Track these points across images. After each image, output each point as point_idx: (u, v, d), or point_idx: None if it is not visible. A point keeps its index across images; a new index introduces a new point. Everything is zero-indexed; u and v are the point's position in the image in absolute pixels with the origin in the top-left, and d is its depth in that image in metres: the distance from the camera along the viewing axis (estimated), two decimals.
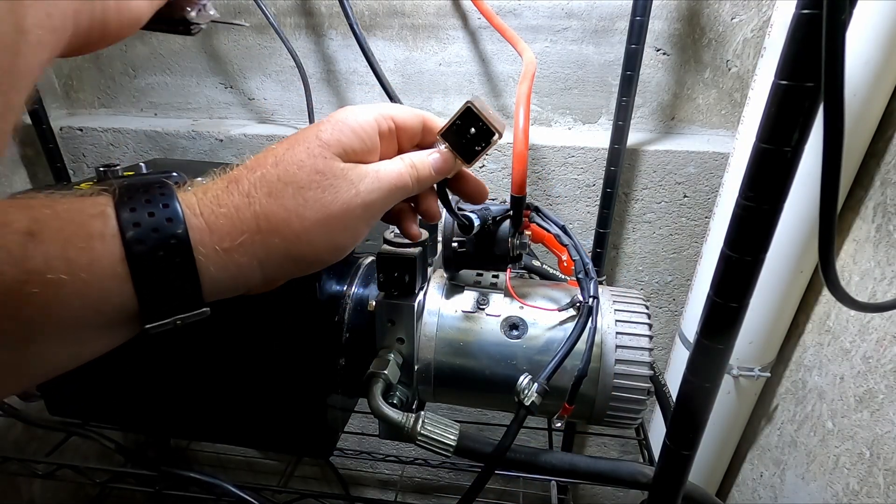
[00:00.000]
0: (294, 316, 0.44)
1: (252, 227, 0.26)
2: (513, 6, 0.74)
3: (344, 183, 0.29)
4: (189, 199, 0.26)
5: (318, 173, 0.28)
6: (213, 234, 0.26)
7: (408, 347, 0.44)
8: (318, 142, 0.29)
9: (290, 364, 0.46)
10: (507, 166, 0.78)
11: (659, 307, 0.87)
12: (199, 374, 0.49)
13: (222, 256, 0.26)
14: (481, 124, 0.32)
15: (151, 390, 0.51)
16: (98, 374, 0.50)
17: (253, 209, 0.27)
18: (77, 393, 0.52)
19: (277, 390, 0.48)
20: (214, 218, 0.26)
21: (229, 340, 0.46)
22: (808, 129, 0.24)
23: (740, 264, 0.28)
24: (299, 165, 0.28)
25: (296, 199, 0.28)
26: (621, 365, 0.44)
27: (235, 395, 0.49)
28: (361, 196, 0.29)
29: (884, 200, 0.54)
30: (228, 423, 0.52)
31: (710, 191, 0.76)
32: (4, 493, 0.88)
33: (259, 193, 0.27)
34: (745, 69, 0.73)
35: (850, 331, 0.58)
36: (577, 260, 0.45)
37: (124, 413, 0.54)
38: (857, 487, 0.55)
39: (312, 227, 0.28)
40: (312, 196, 0.28)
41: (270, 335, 0.45)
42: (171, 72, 0.86)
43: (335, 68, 0.82)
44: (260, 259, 0.27)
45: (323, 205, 0.28)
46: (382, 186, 0.30)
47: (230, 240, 0.26)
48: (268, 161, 0.28)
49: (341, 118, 0.30)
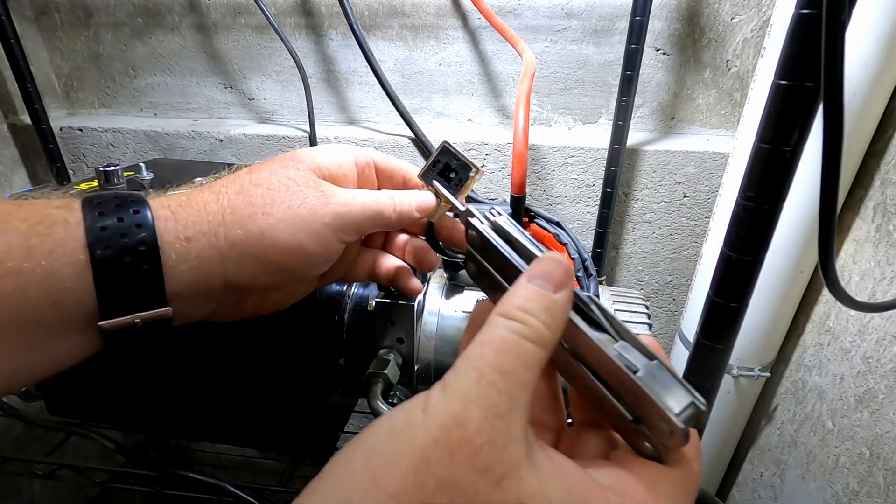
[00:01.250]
0: (294, 316, 0.44)
1: (217, 218, 0.27)
2: (513, 6, 0.74)
3: (314, 192, 0.29)
4: (159, 198, 0.27)
5: (291, 180, 0.29)
6: (177, 223, 0.26)
7: (408, 347, 0.44)
8: (293, 157, 0.30)
9: (290, 364, 0.46)
10: (507, 166, 0.78)
11: (659, 307, 0.87)
12: (198, 374, 0.49)
13: (185, 246, 0.26)
14: (459, 161, 0.33)
15: (151, 390, 0.51)
16: (98, 374, 0.50)
17: (220, 203, 0.27)
18: (77, 393, 0.52)
19: (277, 390, 0.48)
20: (181, 209, 0.26)
21: (228, 340, 0.46)
22: (808, 128, 0.24)
23: (740, 264, 0.28)
24: (272, 171, 0.29)
25: (264, 198, 0.28)
26: None
27: (235, 395, 0.49)
28: (332, 206, 0.29)
29: (884, 200, 0.54)
30: (228, 423, 0.52)
31: (710, 191, 0.76)
32: (4, 493, 0.88)
33: (229, 191, 0.28)
34: (744, 69, 0.73)
35: (850, 331, 0.58)
36: (576, 258, 0.45)
37: (124, 413, 0.54)
38: (857, 487, 0.55)
39: (277, 225, 0.27)
40: (280, 197, 0.28)
41: (270, 335, 0.45)
42: (171, 72, 0.86)
43: (335, 68, 0.82)
44: (222, 253, 0.27)
45: (290, 206, 0.28)
46: (356, 204, 0.30)
47: (194, 228, 0.26)
48: (242, 171, 0.29)
49: (322, 147, 0.31)
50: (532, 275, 0.19)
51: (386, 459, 0.16)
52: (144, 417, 0.54)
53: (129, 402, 0.53)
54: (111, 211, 0.24)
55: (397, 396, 0.43)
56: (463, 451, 0.15)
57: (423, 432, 0.16)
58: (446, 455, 0.15)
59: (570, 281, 0.19)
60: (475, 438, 0.15)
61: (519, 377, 0.17)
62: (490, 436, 0.15)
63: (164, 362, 0.49)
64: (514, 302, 0.18)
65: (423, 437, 0.16)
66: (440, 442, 0.15)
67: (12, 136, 0.87)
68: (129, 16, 0.83)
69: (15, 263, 0.21)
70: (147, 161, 0.65)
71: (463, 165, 0.33)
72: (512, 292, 0.19)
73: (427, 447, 0.15)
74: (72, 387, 0.52)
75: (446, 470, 0.15)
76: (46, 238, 0.22)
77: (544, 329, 0.18)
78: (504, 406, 0.16)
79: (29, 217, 0.22)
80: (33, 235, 0.22)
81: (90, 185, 0.57)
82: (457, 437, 0.15)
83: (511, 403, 0.16)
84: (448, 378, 0.17)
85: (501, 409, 0.16)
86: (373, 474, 0.15)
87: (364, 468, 0.16)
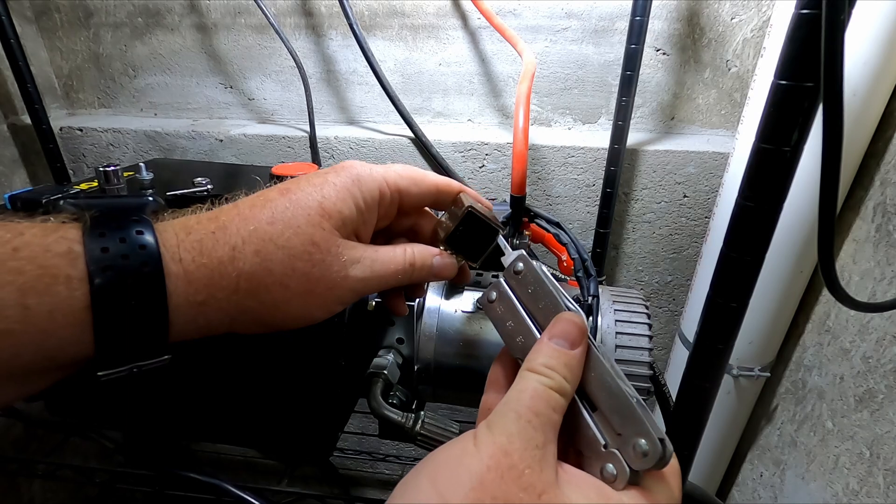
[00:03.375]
0: None
1: (231, 285, 0.25)
2: (513, 6, 0.74)
3: (336, 262, 0.27)
4: (169, 239, 0.24)
5: (314, 245, 0.26)
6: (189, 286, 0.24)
7: (408, 347, 0.44)
8: (319, 210, 0.27)
9: (290, 364, 0.46)
10: (506, 166, 0.78)
11: (659, 307, 0.87)
12: (198, 374, 0.49)
13: (194, 309, 0.24)
14: (484, 225, 0.32)
15: (151, 390, 0.51)
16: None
17: (237, 265, 0.25)
18: (77, 393, 0.52)
19: (277, 390, 0.48)
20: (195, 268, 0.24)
21: (228, 341, 0.46)
22: (808, 129, 0.24)
23: (740, 264, 0.28)
24: (296, 231, 0.26)
25: (284, 267, 0.26)
26: (621, 364, 0.43)
27: (235, 395, 0.49)
28: (349, 281, 0.28)
29: (884, 200, 0.54)
30: (228, 423, 0.52)
31: (710, 191, 0.76)
32: (4, 493, 0.88)
33: (247, 250, 0.25)
34: (744, 69, 0.73)
35: (849, 331, 0.58)
36: (576, 258, 0.45)
37: (124, 413, 0.54)
38: (857, 487, 0.55)
39: (293, 299, 0.27)
40: (301, 267, 0.26)
41: (270, 335, 0.45)
42: (171, 72, 0.86)
43: (335, 68, 0.82)
44: (232, 317, 0.26)
45: (309, 279, 0.27)
46: (373, 276, 0.29)
47: (206, 293, 0.24)
48: (263, 216, 0.26)
49: (347, 183, 0.28)
50: (552, 334, 0.24)
51: (449, 481, 0.20)
52: (144, 417, 0.53)
53: (129, 402, 0.53)
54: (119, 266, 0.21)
55: (397, 396, 0.43)
56: (511, 474, 0.20)
57: (477, 460, 0.20)
58: (497, 477, 0.20)
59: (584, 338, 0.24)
60: (519, 464, 0.20)
61: (549, 417, 0.22)
62: (530, 462, 0.20)
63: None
64: (539, 360, 0.23)
65: (478, 464, 0.20)
66: (492, 468, 0.20)
67: (12, 136, 0.87)
68: (129, 16, 0.83)
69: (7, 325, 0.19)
70: (147, 161, 0.65)
71: (489, 229, 0.32)
72: (537, 350, 0.24)
73: (482, 472, 0.20)
74: (72, 387, 0.52)
75: (498, 489, 0.19)
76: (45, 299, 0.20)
77: (564, 382, 0.23)
78: (540, 440, 0.21)
79: (25, 269, 0.20)
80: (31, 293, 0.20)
81: (90, 185, 0.57)
82: (505, 464, 0.20)
83: (545, 437, 0.21)
84: (492, 419, 0.22)
85: (538, 442, 0.21)
86: (440, 492, 0.20)
87: (431, 488, 0.20)
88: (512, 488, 0.19)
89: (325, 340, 0.46)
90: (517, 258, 0.28)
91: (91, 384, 0.22)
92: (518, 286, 0.28)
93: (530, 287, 0.27)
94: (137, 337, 0.22)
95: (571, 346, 0.24)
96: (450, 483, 0.20)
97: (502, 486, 0.19)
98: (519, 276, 0.28)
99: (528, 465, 0.20)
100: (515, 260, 0.28)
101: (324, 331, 0.46)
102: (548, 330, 0.25)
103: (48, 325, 0.20)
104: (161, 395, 0.51)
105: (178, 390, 0.50)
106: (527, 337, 0.26)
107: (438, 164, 0.77)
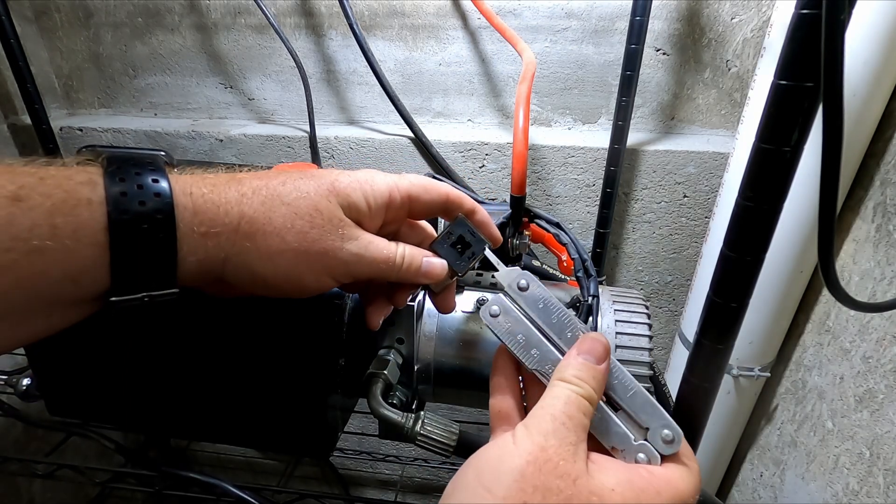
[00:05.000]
0: (294, 316, 0.44)
1: (233, 223, 0.27)
2: (513, 6, 0.74)
3: (334, 232, 0.29)
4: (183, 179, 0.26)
5: (317, 210, 0.29)
6: (195, 216, 0.26)
7: (408, 347, 0.44)
8: (330, 187, 0.29)
9: (290, 364, 0.46)
10: (506, 166, 0.78)
11: (659, 307, 0.87)
12: (198, 374, 0.49)
13: (197, 240, 0.26)
14: (473, 235, 0.33)
15: (151, 390, 0.51)
16: (98, 374, 0.50)
17: (241, 208, 0.27)
18: (77, 393, 0.52)
19: (277, 390, 0.48)
20: (203, 202, 0.26)
21: (229, 340, 0.46)
22: (808, 129, 0.24)
23: (740, 264, 0.28)
24: (304, 195, 0.29)
25: (284, 220, 0.28)
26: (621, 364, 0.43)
27: (235, 395, 0.49)
28: (343, 253, 0.29)
29: (884, 200, 0.54)
30: (228, 423, 0.52)
31: (710, 191, 0.76)
32: (4, 493, 0.88)
33: (254, 198, 0.28)
34: (744, 69, 0.73)
35: (849, 331, 0.58)
36: (576, 258, 0.45)
37: (124, 413, 0.54)
38: (857, 487, 0.55)
39: (286, 252, 0.28)
40: (300, 226, 0.28)
41: (270, 335, 0.45)
42: (171, 72, 0.87)
43: (335, 68, 0.82)
44: (227, 255, 0.27)
45: (305, 239, 0.28)
46: (365, 256, 0.30)
47: (208, 225, 0.26)
48: (277, 178, 0.29)
49: (361, 178, 0.31)
50: (581, 351, 0.28)
51: (493, 476, 0.23)
52: (144, 417, 0.53)
53: (129, 402, 0.53)
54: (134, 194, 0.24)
55: (397, 396, 0.43)
56: (547, 466, 0.23)
57: (517, 456, 0.23)
58: (536, 470, 0.23)
59: (609, 355, 0.28)
60: (554, 458, 0.23)
61: (580, 420, 0.25)
62: (565, 456, 0.23)
63: (165, 358, 0.49)
64: (570, 372, 0.27)
65: (518, 460, 0.23)
66: (531, 462, 0.23)
67: (12, 136, 0.87)
68: (129, 16, 0.83)
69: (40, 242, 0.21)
70: None
71: (477, 239, 0.33)
72: (567, 363, 0.27)
73: (522, 466, 0.23)
74: (72, 387, 0.52)
75: (538, 479, 0.22)
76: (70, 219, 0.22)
77: (592, 391, 0.26)
78: (573, 438, 0.24)
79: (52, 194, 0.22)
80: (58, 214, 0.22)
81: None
82: (542, 458, 0.23)
83: (577, 437, 0.24)
84: (528, 421, 0.25)
85: (571, 440, 0.24)
86: (487, 487, 0.23)
87: (478, 483, 0.23)
88: (550, 478, 0.23)
89: (325, 340, 0.46)
90: (520, 275, 0.30)
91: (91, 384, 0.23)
92: (525, 301, 0.30)
93: (540, 303, 0.30)
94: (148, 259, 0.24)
95: (598, 361, 0.27)
96: (494, 478, 0.23)
97: (541, 477, 0.22)
98: (525, 291, 0.30)
99: (563, 458, 0.23)
100: (518, 276, 0.30)
101: (324, 331, 0.46)
102: (576, 346, 0.28)
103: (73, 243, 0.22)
104: (161, 394, 0.51)
105: (178, 390, 0.50)
106: (541, 349, 0.29)
107: (438, 165, 0.77)
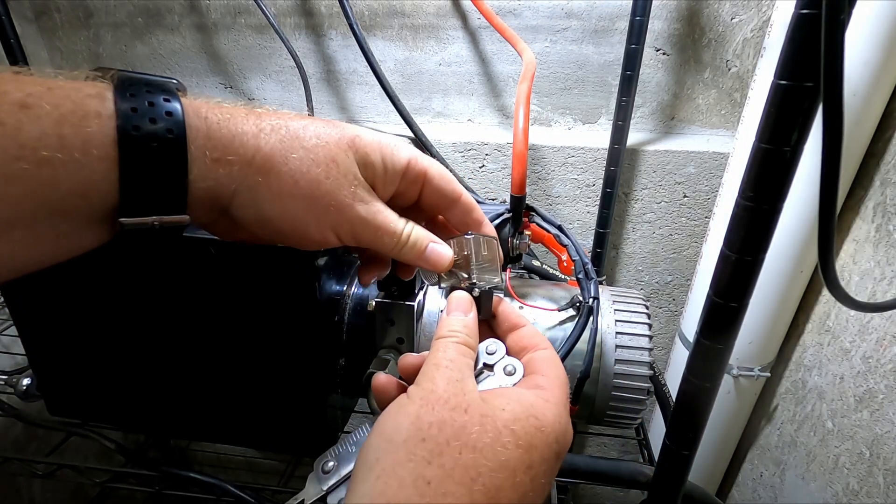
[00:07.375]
0: (294, 316, 0.44)
1: (248, 155, 0.26)
2: (513, 6, 0.74)
3: (347, 188, 0.28)
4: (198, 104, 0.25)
5: (334, 162, 0.28)
6: (208, 140, 0.25)
7: (408, 347, 0.44)
8: (350, 141, 0.29)
9: (290, 364, 0.46)
10: (507, 166, 0.78)
11: (659, 307, 0.87)
12: (199, 374, 0.49)
13: (208, 165, 0.25)
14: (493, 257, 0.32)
15: (152, 390, 0.51)
16: (98, 374, 0.50)
17: (258, 142, 0.26)
18: (77, 393, 0.52)
19: (277, 390, 0.48)
20: (218, 128, 0.25)
21: (229, 340, 0.46)
22: (808, 129, 0.24)
23: (740, 264, 0.28)
24: (323, 144, 0.28)
25: (301, 164, 0.27)
26: (621, 365, 0.44)
27: (236, 395, 0.49)
28: (351, 211, 0.29)
29: (883, 200, 0.54)
30: (228, 422, 0.52)
31: (710, 191, 0.76)
32: (4, 493, 0.88)
33: (273, 135, 0.27)
34: (744, 69, 0.73)
35: (849, 331, 0.58)
36: (576, 260, 0.45)
37: (124, 413, 0.54)
38: (857, 487, 0.55)
39: (297, 195, 0.27)
40: (316, 174, 0.27)
41: (270, 335, 0.45)
42: (171, 72, 0.86)
43: (335, 68, 0.82)
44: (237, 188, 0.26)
45: (319, 187, 0.27)
46: (372, 222, 0.29)
47: (221, 152, 0.25)
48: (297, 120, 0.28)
49: (384, 140, 0.30)
50: (449, 310, 0.31)
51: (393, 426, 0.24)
52: (144, 417, 0.54)
53: (129, 402, 0.53)
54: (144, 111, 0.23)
55: None
56: (439, 403, 0.24)
57: (411, 404, 0.24)
58: (430, 409, 0.24)
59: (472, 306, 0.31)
60: (444, 395, 0.25)
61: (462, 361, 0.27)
62: (454, 391, 0.25)
63: (165, 357, 0.49)
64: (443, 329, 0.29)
65: (412, 406, 0.24)
66: (423, 405, 0.24)
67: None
68: (129, 16, 0.83)
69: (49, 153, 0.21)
70: None
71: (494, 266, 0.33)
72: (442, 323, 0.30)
73: (417, 409, 0.24)
74: (72, 387, 0.52)
75: (432, 416, 0.24)
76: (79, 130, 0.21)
77: (467, 337, 0.29)
78: (457, 375, 0.26)
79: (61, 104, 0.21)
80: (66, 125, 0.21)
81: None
82: (433, 398, 0.24)
83: (461, 374, 0.26)
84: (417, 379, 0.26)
85: (455, 377, 0.26)
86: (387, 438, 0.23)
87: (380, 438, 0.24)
88: (443, 411, 0.24)
89: (325, 340, 0.46)
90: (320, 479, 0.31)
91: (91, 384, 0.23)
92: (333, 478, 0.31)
93: None
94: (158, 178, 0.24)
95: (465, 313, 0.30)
96: (393, 428, 0.24)
97: (435, 413, 0.24)
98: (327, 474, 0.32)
99: (452, 393, 0.25)
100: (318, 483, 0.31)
101: (324, 331, 0.46)
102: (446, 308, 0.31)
103: (82, 156, 0.21)
104: (161, 394, 0.51)
105: (179, 390, 0.50)
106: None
107: None
